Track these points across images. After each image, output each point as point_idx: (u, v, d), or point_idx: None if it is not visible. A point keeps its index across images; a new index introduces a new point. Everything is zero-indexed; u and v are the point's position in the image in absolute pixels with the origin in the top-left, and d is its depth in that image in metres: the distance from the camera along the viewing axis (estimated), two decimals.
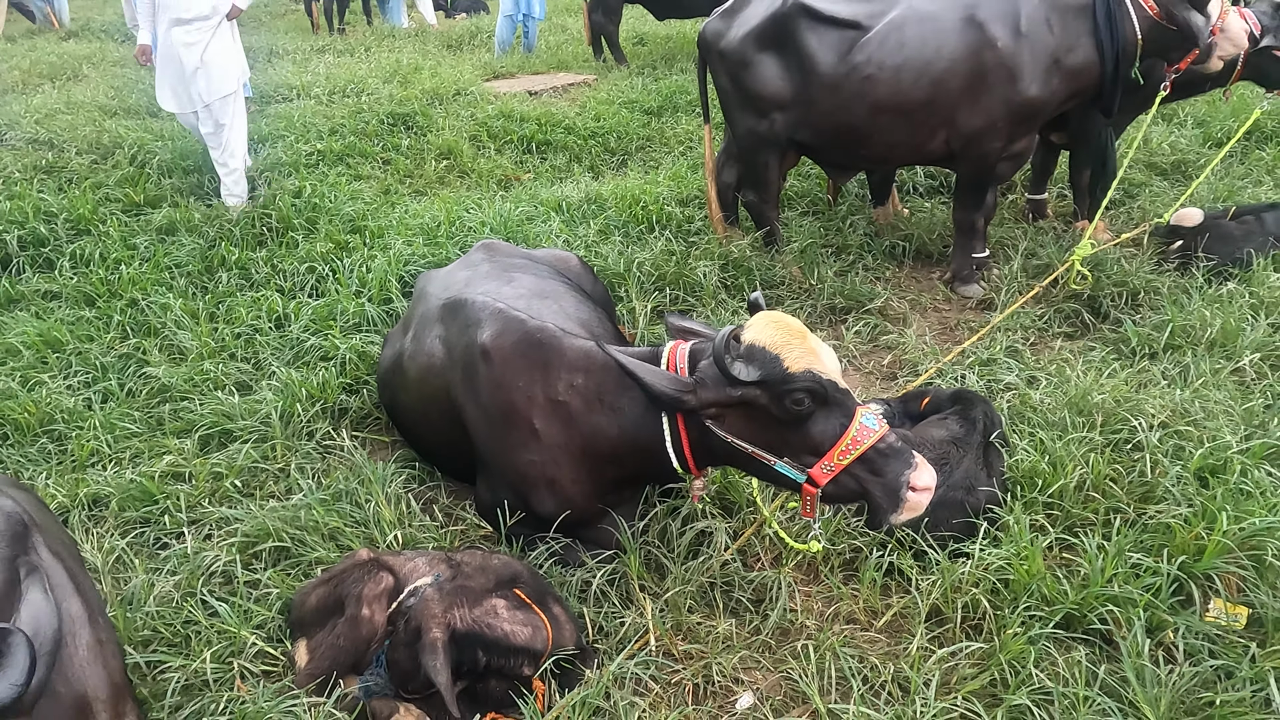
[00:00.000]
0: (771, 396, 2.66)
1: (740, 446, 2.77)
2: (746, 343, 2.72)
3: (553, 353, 3.13)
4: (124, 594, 2.99)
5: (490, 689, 2.65)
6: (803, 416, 2.66)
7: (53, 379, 4.30)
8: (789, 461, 2.72)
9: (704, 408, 2.75)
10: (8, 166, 6.47)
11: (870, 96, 4.87)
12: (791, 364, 2.65)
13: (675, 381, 2.76)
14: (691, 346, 2.92)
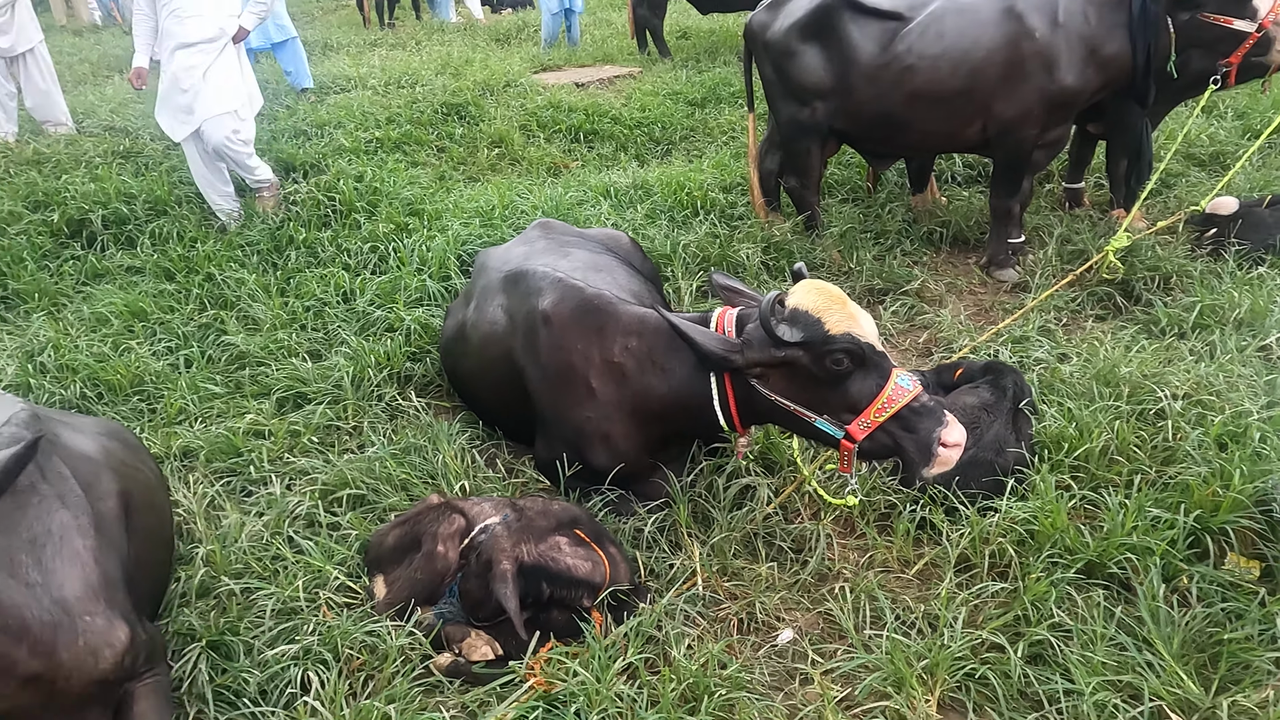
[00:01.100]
0: (813, 357, 2.88)
1: (782, 404, 3.00)
2: (790, 307, 2.95)
3: (609, 318, 3.38)
4: (219, 532, 3.28)
5: (552, 619, 2.89)
6: (841, 376, 2.89)
7: (140, 345, 4.63)
8: (828, 418, 2.95)
9: (750, 367, 2.98)
10: (89, 152, 6.85)
11: (909, 85, 5.06)
12: (832, 327, 2.87)
13: (724, 342, 3.00)
14: (739, 312, 3.15)
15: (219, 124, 5.75)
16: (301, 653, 2.75)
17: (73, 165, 6.48)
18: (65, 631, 2.15)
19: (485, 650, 2.83)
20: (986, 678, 2.60)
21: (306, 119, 7.49)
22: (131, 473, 2.86)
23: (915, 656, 2.66)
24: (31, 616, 2.08)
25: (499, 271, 3.94)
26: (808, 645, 2.85)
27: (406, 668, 2.74)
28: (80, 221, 5.81)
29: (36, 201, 5.95)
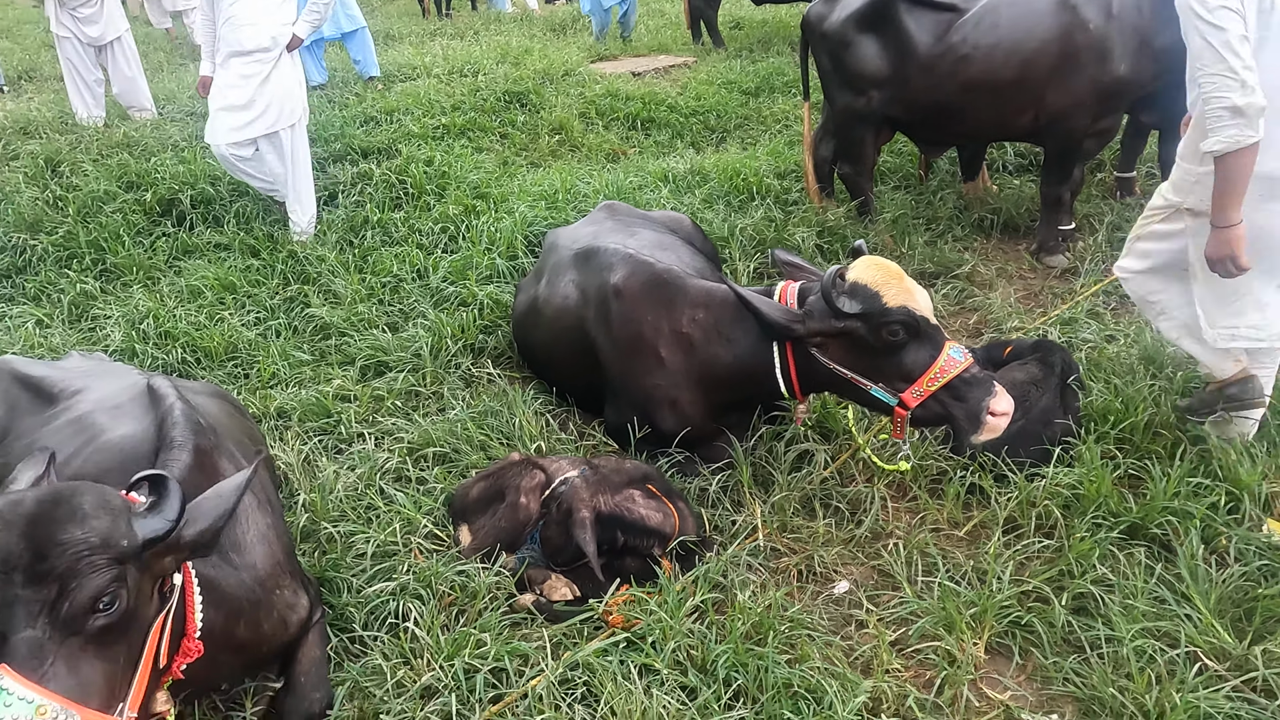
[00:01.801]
0: (870, 328, 3.10)
1: (840, 372, 3.22)
2: (850, 280, 3.16)
3: (677, 291, 3.61)
4: (317, 483, 3.57)
5: (625, 565, 3.14)
6: (897, 346, 3.10)
7: (231, 315, 4.96)
8: (883, 386, 3.16)
9: (810, 336, 3.20)
10: (173, 136, 7.23)
11: (964, 75, 5.21)
12: (889, 300, 3.08)
13: (787, 313, 3.22)
14: (800, 285, 3.37)
15: (289, 136, 5.79)
16: (398, 589, 3.03)
17: (159, 149, 6.85)
18: (264, 606, 2.44)
19: (565, 591, 3.08)
20: (1032, 625, 2.80)
21: (375, 106, 7.80)
22: (256, 436, 3.16)
23: (965, 605, 2.86)
24: (243, 595, 2.36)
25: (569, 249, 4.19)
26: (862, 595, 3.06)
27: (494, 604, 3.00)
28: (170, 201, 6.17)
29: (129, 182, 6.32)
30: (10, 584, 1.69)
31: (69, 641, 1.72)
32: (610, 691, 2.52)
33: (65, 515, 1.78)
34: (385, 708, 2.62)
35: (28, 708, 1.61)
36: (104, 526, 1.80)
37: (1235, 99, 2.82)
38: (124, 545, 1.82)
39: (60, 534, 1.74)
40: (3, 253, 5.61)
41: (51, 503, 1.80)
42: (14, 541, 1.72)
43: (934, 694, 2.62)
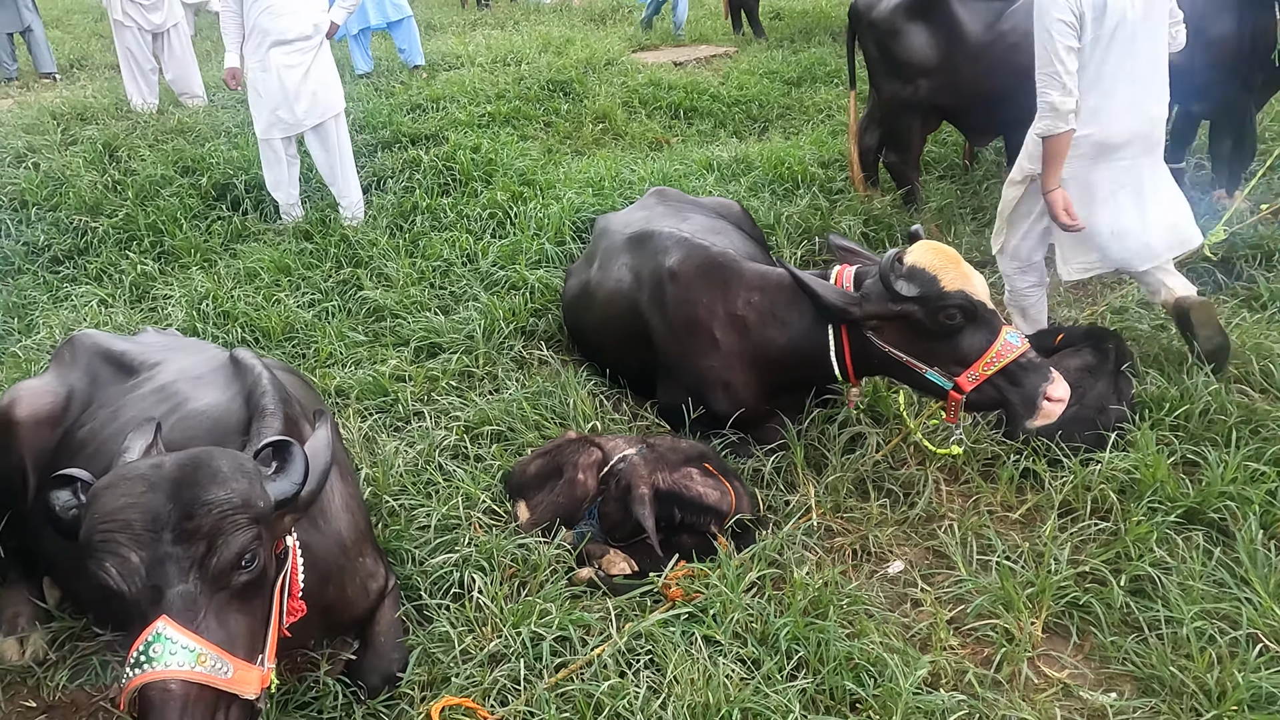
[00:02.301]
0: (927, 311, 3.12)
1: (896, 355, 3.24)
2: (908, 264, 3.18)
3: (733, 274, 3.65)
4: (379, 458, 3.65)
5: (682, 542, 3.19)
6: (953, 330, 3.12)
7: (287, 297, 5.07)
8: (938, 370, 3.18)
9: (867, 319, 3.23)
10: (225, 122, 7.36)
11: (1014, 63, 5.17)
12: (947, 284, 3.10)
13: (844, 295, 3.25)
14: (856, 269, 3.40)
15: (334, 126, 5.86)
16: (461, 561, 3.10)
17: (212, 135, 6.98)
18: (349, 572, 2.53)
19: (623, 566, 3.14)
20: (1090, 605, 2.82)
21: (422, 93, 7.89)
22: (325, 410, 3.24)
23: (1022, 585, 2.89)
24: (331, 560, 2.45)
25: (622, 234, 4.24)
26: (916, 575, 3.10)
27: (554, 577, 3.07)
28: (225, 186, 6.29)
29: (185, 167, 6.45)
30: (160, 542, 1.78)
31: (217, 596, 1.81)
32: (674, 660, 2.58)
33: (207, 477, 1.86)
34: (453, 672, 2.70)
35: (190, 656, 1.72)
36: (243, 488, 1.89)
37: (1055, 98, 3.67)
38: (260, 506, 1.90)
39: (205, 495, 1.83)
40: (65, 234, 5.75)
41: (192, 466, 1.89)
42: (161, 502, 1.81)
43: (993, 670, 2.65)
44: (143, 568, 1.76)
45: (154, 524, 1.79)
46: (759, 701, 2.45)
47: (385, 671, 2.67)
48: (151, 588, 1.76)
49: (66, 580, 2.97)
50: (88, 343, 3.19)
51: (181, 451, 1.99)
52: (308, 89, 5.71)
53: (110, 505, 1.82)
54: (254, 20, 5.60)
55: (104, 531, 1.79)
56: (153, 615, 1.75)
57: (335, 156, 5.92)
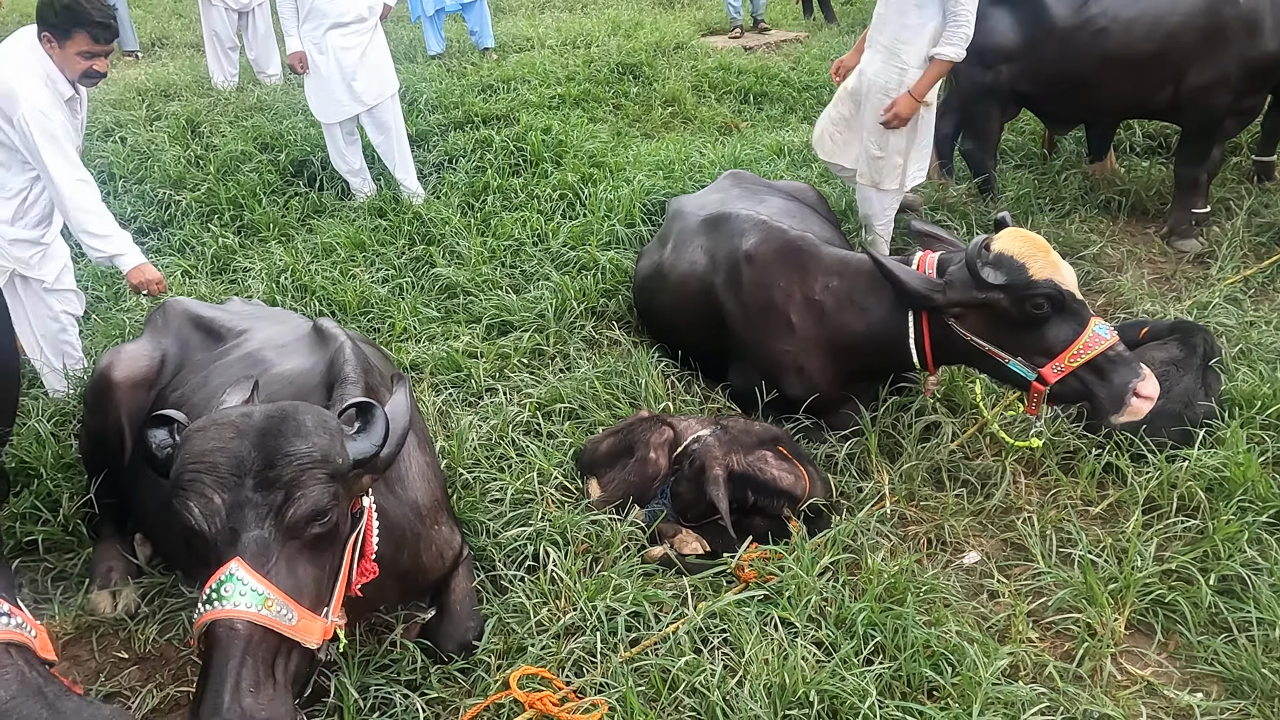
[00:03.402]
0: (1013, 300, 3.06)
1: (978, 344, 3.19)
2: (995, 251, 3.12)
3: (811, 258, 3.62)
4: (453, 432, 3.71)
5: (754, 524, 3.19)
6: (1040, 320, 3.05)
7: (362, 272, 5.15)
8: (1022, 360, 3.12)
9: (950, 306, 3.18)
10: (301, 101, 7.45)
11: (1101, 49, 5.06)
12: (1035, 272, 3.04)
13: (927, 282, 3.21)
14: (939, 255, 3.35)
15: (390, 107, 5.93)
16: (535, 534, 3.14)
17: (290, 113, 7.11)
18: (424, 539, 2.59)
19: (695, 546, 3.15)
20: (1175, 603, 2.75)
21: (492, 75, 7.94)
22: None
23: (1104, 580, 2.83)
24: (406, 526, 2.50)
25: (697, 216, 4.23)
26: (993, 566, 3.06)
27: (627, 554, 3.09)
28: (302, 162, 6.41)
29: (264, 143, 6.59)
30: (242, 487, 1.84)
31: (290, 544, 1.87)
32: (750, 640, 2.58)
33: (292, 430, 1.92)
34: (528, 643, 2.73)
35: (258, 598, 1.78)
36: (324, 443, 1.94)
37: (969, 31, 4.39)
38: (339, 463, 1.95)
39: (288, 446, 1.89)
40: (151, 207, 5.92)
41: (279, 418, 1.95)
42: (246, 450, 1.87)
43: (1074, 665, 2.60)
44: (223, 510, 1.83)
45: (238, 469, 1.86)
46: (835, 684, 2.44)
47: (461, 639, 2.73)
48: (229, 529, 1.83)
49: (157, 536, 3.08)
50: (179, 309, 3.29)
51: (273, 405, 2.05)
52: (364, 70, 5.78)
53: (200, 447, 1.90)
54: (311, 3, 5.69)
55: (192, 472, 1.86)
56: (227, 556, 1.81)
57: (392, 137, 6.01)
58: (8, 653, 1.39)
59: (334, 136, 6.02)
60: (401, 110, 6.17)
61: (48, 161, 3.69)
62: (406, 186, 6.08)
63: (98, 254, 3.87)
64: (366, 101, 5.85)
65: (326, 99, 5.88)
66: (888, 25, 4.63)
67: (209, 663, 1.77)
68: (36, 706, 1.37)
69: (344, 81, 5.78)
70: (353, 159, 6.12)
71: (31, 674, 1.40)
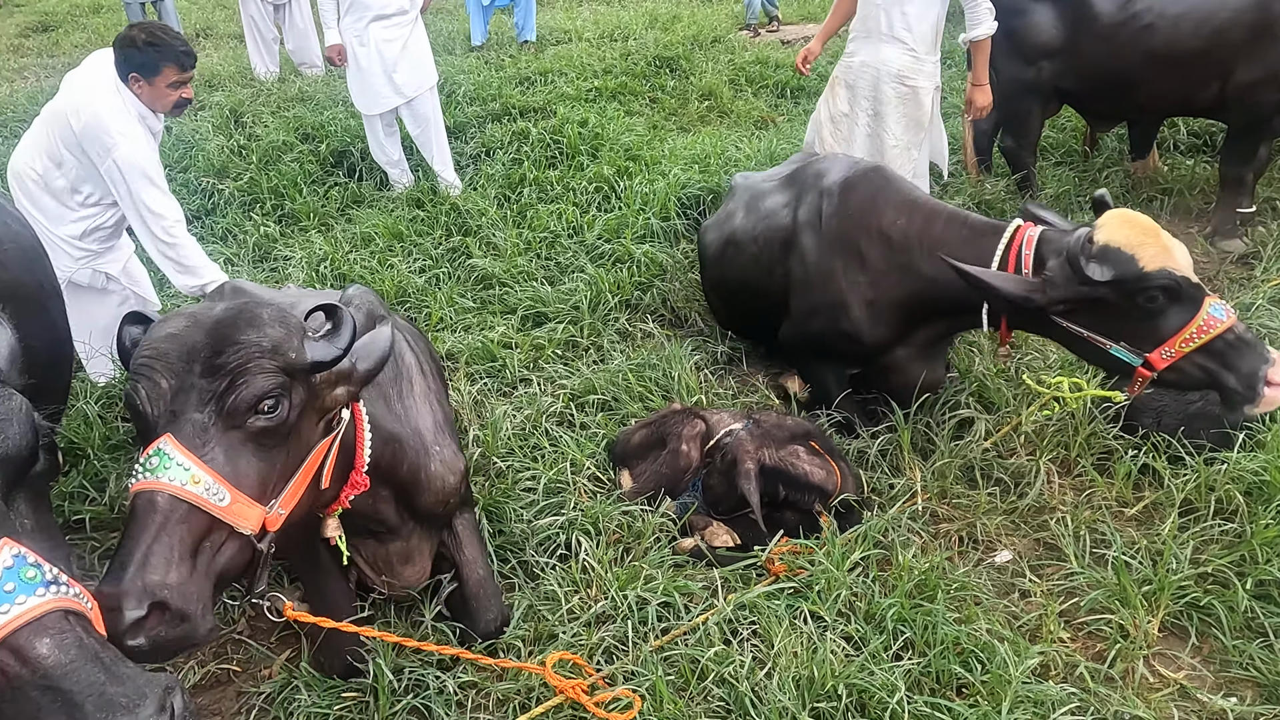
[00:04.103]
0: (1123, 294, 2.83)
1: (1076, 332, 2.98)
2: (1100, 243, 2.86)
3: (894, 192, 3.50)
4: (488, 420, 3.75)
5: (785, 518, 3.20)
6: (1154, 312, 2.84)
7: (400, 262, 5.22)
8: (1125, 346, 2.92)
9: (1051, 305, 2.94)
10: (341, 92, 7.56)
11: (1146, 45, 4.99)
12: (1146, 263, 2.79)
13: (1023, 284, 2.97)
14: (1041, 233, 3.08)
15: (429, 99, 6.01)
16: (567, 524, 3.17)
17: (330, 104, 7.21)
18: (425, 454, 2.59)
19: (726, 538, 3.17)
20: (1211, 607, 2.73)
21: (530, 67, 7.99)
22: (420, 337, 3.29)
23: (1138, 582, 2.81)
24: (405, 439, 2.51)
25: (771, 180, 4.15)
26: (1025, 565, 3.04)
27: (658, 545, 3.11)
28: (342, 153, 6.50)
29: (305, 134, 6.69)
30: (190, 373, 1.84)
31: (230, 433, 1.84)
32: (780, 633, 2.60)
33: (245, 321, 1.91)
34: (559, 630, 2.77)
35: (183, 474, 1.75)
36: (277, 335, 1.92)
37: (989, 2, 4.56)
38: (291, 357, 1.92)
39: (238, 335, 1.88)
40: (195, 195, 6.03)
41: (236, 311, 1.94)
42: (199, 337, 1.87)
43: (1106, 666, 2.59)
44: (168, 394, 1.82)
45: (187, 356, 1.85)
46: (864, 679, 2.46)
47: (485, 630, 2.77)
48: (170, 412, 1.82)
49: None
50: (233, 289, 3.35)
51: (232, 301, 2.03)
52: (405, 63, 5.85)
53: (155, 335, 1.90)
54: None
55: (144, 358, 1.87)
56: (162, 433, 1.80)
57: (430, 129, 6.08)
58: (66, 619, 1.41)
59: (374, 128, 6.10)
60: (440, 102, 6.24)
61: (146, 201, 3.84)
62: (444, 178, 6.14)
63: (189, 286, 3.99)
64: (407, 93, 5.92)
65: (368, 91, 5.95)
66: (883, 13, 4.70)
67: (124, 534, 1.74)
68: (95, 670, 1.38)
69: (385, 73, 5.85)
70: (392, 150, 6.20)
71: (89, 640, 1.42)
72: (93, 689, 1.36)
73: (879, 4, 4.70)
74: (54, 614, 1.39)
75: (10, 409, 1.59)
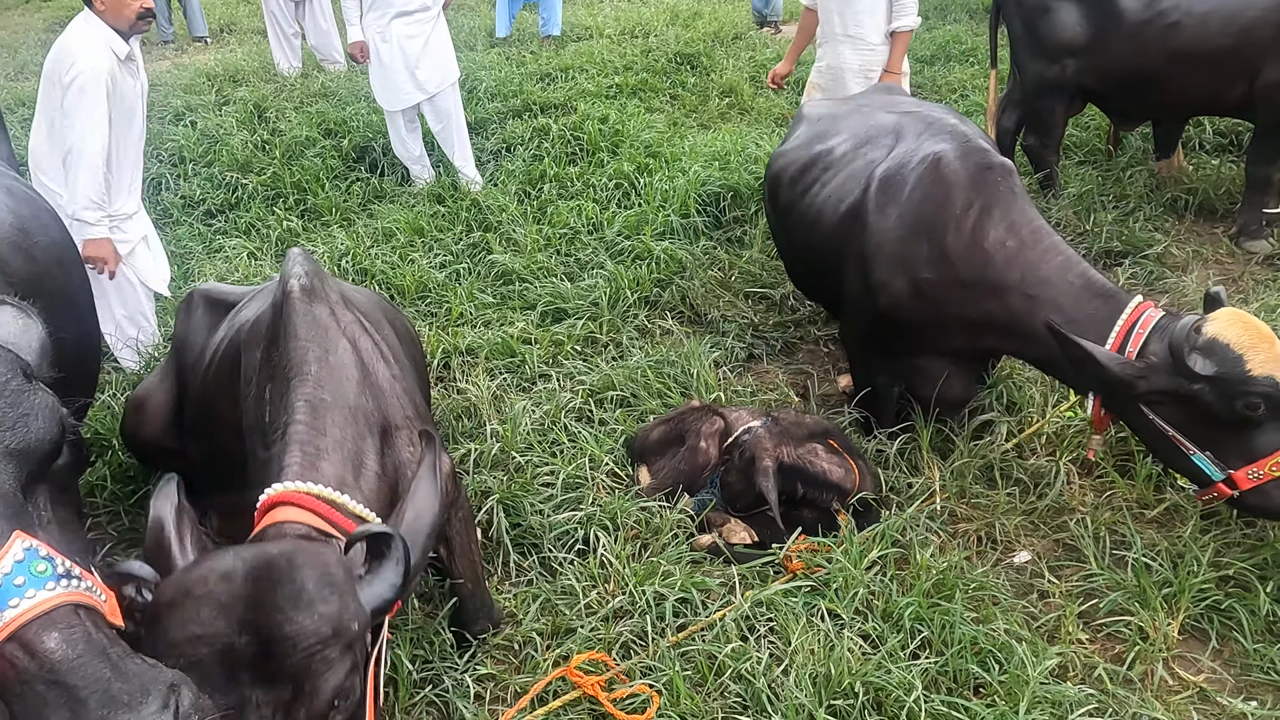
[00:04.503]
0: (1221, 395, 2.59)
1: (1162, 428, 2.74)
2: (1208, 336, 2.64)
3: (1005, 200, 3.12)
4: (507, 416, 3.77)
5: (803, 516, 3.20)
6: (1251, 422, 2.60)
7: (420, 257, 5.25)
8: (1210, 457, 2.68)
9: (1149, 394, 2.71)
10: (364, 87, 7.61)
11: (1172, 43, 4.94)
12: (1255, 367, 2.56)
13: (1125, 366, 2.72)
14: (1161, 318, 2.82)
15: (450, 95, 6.05)
16: (585, 519, 3.19)
17: (353, 99, 7.25)
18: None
19: (743, 535, 3.18)
20: (1232, 610, 2.71)
21: (550, 63, 8.01)
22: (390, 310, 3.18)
23: (1158, 584, 2.80)
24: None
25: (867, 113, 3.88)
26: (1044, 566, 3.03)
27: (676, 541, 3.13)
28: (364, 148, 6.55)
29: (327, 129, 6.73)
30: (236, 683, 1.54)
31: None
32: (797, 630, 2.61)
33: (288, 600, 1.58)
34: (576, 624, 2.79)
35: None
36: (333, 611, 1.61)
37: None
38: (354, 629, 1.64)
39: (287, 625, 1.56)
40: (218, 189, 6.09)
41: (270, 582, 1.60)
42: (234, 633, 1.55)
43: (1124, 668, 2.58)
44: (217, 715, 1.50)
45: (228, 662, 1.54)
46: (881, 677, 2.46)
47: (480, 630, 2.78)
48: None
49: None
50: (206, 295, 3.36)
51: (256, 552, 1.69)
52: (427, 59, 5.89)
53: (178, 635, 1.56)
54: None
55: (175, 665, 1.53)
56: None
57: (451, 125, 6.12)
58: (76, 613, 1.40)
59: (396, 124, 6.14)
60: (461, 98, 6.26)
61: (72, 111, 3.89)
62: (465, 174, 6.17)
63: (70, 208, 3.95)
64: (429, 89, 5.96)
65: (390, 87, 5.99)
66: (836, 16, 5.08)
67: None
68: (101, 666, 1.37)
69: (407, 69, 5.89)
70: (413, 146, 6.23)
71: (98, 635, 1.41)
72: (98, 685, 1.35)
73: (832, 9, 5.08)
74: (63, 608, 1.39)
75: (35, 405, 1.58)
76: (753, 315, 4.62)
